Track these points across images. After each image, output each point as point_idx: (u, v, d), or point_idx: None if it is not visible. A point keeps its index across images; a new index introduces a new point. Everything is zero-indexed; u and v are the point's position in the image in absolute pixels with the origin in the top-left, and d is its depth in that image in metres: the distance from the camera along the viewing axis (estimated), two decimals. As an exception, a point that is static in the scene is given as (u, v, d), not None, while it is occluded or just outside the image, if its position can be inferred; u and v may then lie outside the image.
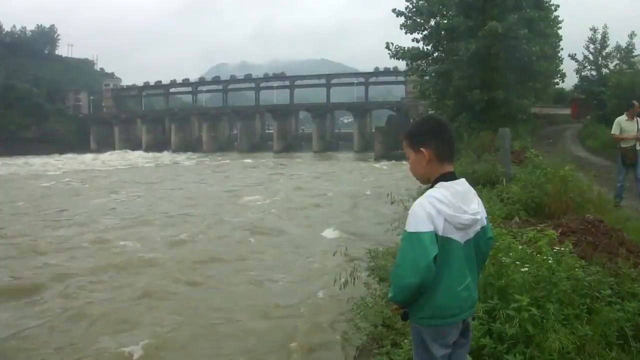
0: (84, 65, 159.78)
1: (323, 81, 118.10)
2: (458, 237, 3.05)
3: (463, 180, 3.19)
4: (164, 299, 12.78)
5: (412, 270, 2.92)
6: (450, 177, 3.14)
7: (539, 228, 6.38)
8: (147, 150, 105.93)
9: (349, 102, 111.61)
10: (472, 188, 3.22)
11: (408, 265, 2.95)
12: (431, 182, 3.17)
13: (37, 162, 76.30)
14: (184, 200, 30.96)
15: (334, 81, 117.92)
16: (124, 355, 9.56)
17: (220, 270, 15.23)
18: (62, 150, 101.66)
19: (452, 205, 3.01)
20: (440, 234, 2.97)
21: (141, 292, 13.13)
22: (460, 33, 23.96)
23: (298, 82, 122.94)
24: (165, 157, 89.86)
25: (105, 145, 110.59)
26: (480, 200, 3.25)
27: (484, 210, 3.28)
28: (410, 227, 2.98)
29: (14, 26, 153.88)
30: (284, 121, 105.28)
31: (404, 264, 2.98)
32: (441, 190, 3.05)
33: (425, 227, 2.94)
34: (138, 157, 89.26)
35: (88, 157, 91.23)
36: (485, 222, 3.25)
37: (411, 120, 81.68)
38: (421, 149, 3.18)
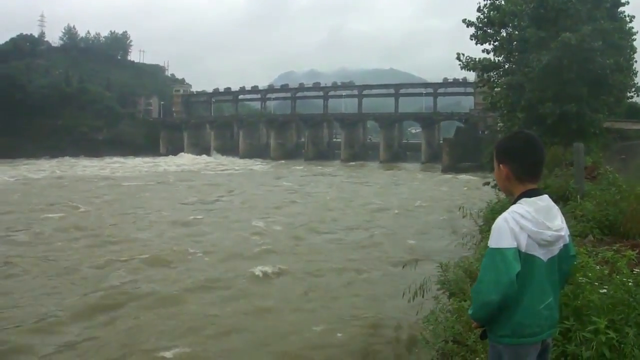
0: (155, 71, 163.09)
1: (391, 91, 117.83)
2: (541, 254, 3.02)
3: (546, 196, 3.16)
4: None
5: (494, 287, 2.91)
6: (533, 193, 3.12)
7: (614, 248, 6.24)
8: (215, 154, 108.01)
9: (417, 112, 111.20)
10: (555, 204, 3.18)
11: (490, 282, 2.94)
12: (514, 197, 3.16)
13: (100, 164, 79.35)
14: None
15: (402, 91, 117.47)
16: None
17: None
18: (132, 153, 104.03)
19: (535, 221, 2.99)
20: (523, 250, 2.95)
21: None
22: (532, 44, 23.51)
23: (366, 92, 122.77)
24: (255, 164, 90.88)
25: (174, 149, 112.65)
26: (563, 216, 3.21)
27: (567, 227, 3.23)
28: (493, 242, 2.97)
29: (88, 32, 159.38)
30: (352, 130, 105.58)
31: (486, 280, 2.97)
32: (524, 206, 3.04)
33: (508, 243, 2.93)
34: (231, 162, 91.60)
35: (186, 159, 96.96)
36: (568, 240, 3.23)
37: (480, 132, 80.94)
38: (500, 165, 3.19)
